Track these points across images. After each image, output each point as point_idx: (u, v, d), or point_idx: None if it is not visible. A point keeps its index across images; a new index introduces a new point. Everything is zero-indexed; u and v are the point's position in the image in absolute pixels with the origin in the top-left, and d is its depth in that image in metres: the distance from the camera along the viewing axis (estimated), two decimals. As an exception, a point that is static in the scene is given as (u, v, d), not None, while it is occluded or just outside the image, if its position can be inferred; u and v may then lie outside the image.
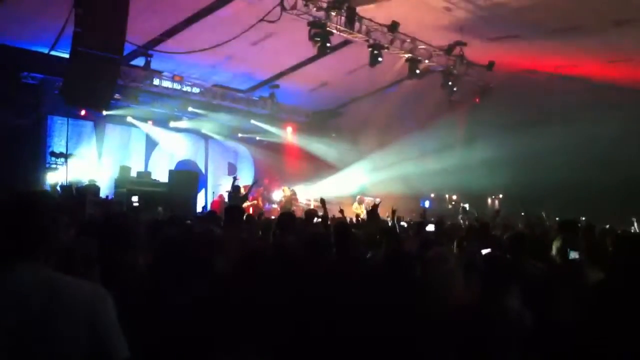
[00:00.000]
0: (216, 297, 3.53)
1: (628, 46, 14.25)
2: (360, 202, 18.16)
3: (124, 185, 15.04)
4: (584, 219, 13.31)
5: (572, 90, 17.37)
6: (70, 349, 1.76)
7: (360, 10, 12.63)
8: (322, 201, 9.26)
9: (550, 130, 20.35)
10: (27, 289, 1.79)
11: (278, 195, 19.60)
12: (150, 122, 18.18)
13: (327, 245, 4.54)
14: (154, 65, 15.34)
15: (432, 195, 25.25)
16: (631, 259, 3.40)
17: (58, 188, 14.61)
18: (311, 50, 12.88)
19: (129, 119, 17.53)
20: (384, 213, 10.77)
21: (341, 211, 10.62)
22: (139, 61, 15.12)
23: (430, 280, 3.80)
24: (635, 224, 14.45)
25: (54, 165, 15.16)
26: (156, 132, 18.70)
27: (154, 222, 7.33)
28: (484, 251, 4.23)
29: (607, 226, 12.43)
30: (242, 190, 16.32)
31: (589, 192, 19.59)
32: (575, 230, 6.18)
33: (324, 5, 11.99)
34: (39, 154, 15.19)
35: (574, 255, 3.87)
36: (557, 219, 14.11)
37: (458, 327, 3.46)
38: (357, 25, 12.79)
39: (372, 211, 8.82)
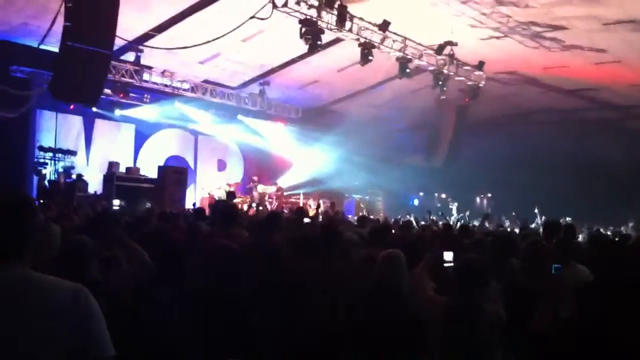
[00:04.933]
0: (201, 295, 3.54)
1: (615, 48, 14.36)
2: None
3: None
4: (569, 219, 13.47)
5: (559, 90, 17.52)
6: (53, 347, 1.77)
7: (352, 8, 12.64)
8: (318, 206, 9.27)
9: (539, 129, 20.52)
10: (9, 289, 1.80)
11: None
12: (139, 118, 18.10)
13: (315, 246, 4.57)
14: (144, 60, 15.29)
15: (421, 193, 25.38)
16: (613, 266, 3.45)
17: (46, 183, 14.56)
18: (302, 47, 12.87)
19: (118, 114, 17.45)
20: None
21: (332, 204, 10.62)
22: (129, 56, 15.07)
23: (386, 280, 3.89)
24: (630, 225, 14.59)
25: (42, 160, 15.07)
26: (145, 128, 18.64)
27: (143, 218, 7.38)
28: (447, 254, 4.25)
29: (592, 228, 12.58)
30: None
31: (579, 191, 19.79)
32: (558, 233, 6.25)
33: (315, 3, 11.99)
34: (27, 148, 15.08)
35: (557, 266, 3.89)
36: (543, 218, 14.29)
37: (433, 327, 3.53)
38: (348, 23, 12.79)
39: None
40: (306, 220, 8.68)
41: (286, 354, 3.94)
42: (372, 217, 14.37)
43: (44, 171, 14.81)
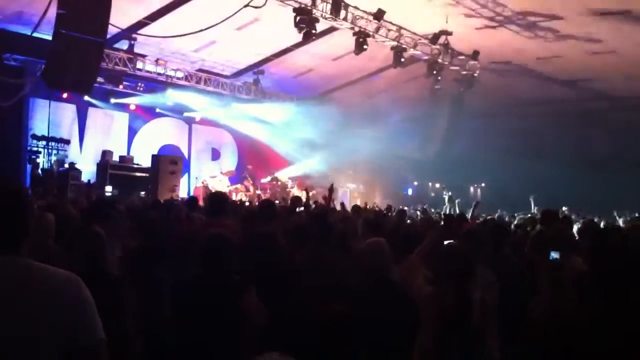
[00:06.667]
0: (195, 282, 3.57)
1: (610, 38, 14.38)
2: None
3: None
4: (565, 209, 13.53)
5: (554, 80, 17.54)
6: (48, 331, 1.85)
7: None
8: (307, 190, 9.28)
9: (533, 119, 20.55)
10: (9, 278, 1.88)
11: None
12: (133, 106, 18.03)
13: (307, 235, 4.58)
14: (138, 49, 15.21)
15: (415, 182, 25.44)
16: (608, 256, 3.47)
17: (39, 171, 14.51)
18: (296, 36, 12.84)
19: (112, 102, 17.38)
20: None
21: (331, 187, 10.54)
22: (123, 44, 14.99)
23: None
24: (619, 219, 14.60)
25: (35, 148, 15.01)
26: (138, 116, 18.58)
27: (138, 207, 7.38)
28: (447, 242, 4.26)
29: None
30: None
31: (573, 181, 19.86)
32: (556, 222, 6.27)
33: (310, -9, 11.95)
34: (20, 137, 15.00)
35: (554, 255, 3.88)
36: (536, 208, 14.34)
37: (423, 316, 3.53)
38: (342, 12, 12.76)
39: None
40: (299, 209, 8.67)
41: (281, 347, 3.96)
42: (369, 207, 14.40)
43: (37, 160, 14.77)
